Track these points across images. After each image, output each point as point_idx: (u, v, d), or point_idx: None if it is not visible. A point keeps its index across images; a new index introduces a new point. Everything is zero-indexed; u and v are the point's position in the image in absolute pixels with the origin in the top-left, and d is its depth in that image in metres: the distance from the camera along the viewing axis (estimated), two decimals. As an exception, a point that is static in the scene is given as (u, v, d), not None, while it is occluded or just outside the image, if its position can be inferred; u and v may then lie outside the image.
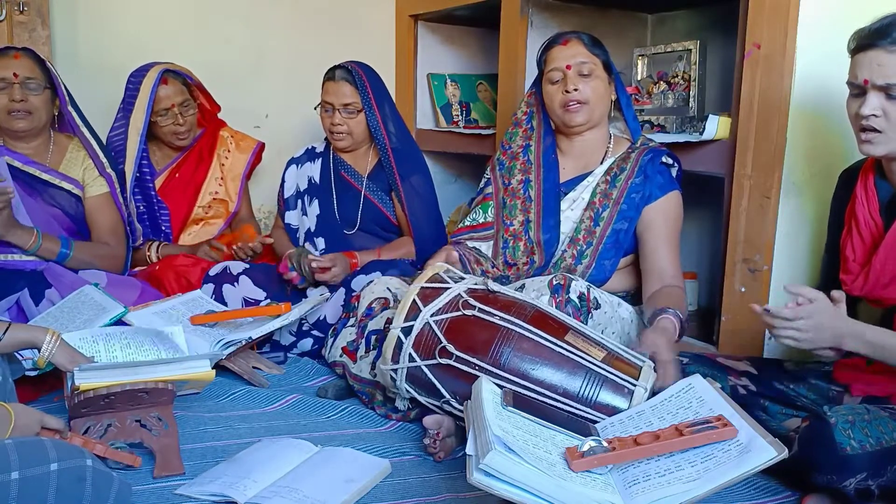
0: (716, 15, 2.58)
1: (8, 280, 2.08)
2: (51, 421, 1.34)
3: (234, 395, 1.92)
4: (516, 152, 2.09)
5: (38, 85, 2.16)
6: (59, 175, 2.24)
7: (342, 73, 2.40)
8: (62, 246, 2.15)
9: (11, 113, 2.14)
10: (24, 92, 2.14)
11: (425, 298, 1.61)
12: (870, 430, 1.29)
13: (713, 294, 2.26)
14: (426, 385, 1.60)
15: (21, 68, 2.13)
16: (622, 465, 1.22)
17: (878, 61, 1.41)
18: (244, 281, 2.32)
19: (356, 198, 2.50)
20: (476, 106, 3.24)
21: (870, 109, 1.44)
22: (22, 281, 2.08)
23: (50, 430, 1.34)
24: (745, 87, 1.92)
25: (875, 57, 1.42)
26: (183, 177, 2.64)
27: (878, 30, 1.42)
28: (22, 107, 2.13)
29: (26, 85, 2.14)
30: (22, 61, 2.14)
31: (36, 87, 2.15)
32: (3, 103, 2.13)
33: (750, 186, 1.92)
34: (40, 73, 2.17)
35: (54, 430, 1.35)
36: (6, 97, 2.13)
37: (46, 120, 2.23)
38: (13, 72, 2.12)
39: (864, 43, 1.44)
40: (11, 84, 2.12)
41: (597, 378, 1.48)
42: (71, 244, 2.18)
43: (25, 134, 2.20)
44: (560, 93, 1.94)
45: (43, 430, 1.33)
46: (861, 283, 1.55)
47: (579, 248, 1.94)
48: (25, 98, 2.14)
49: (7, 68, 2.12)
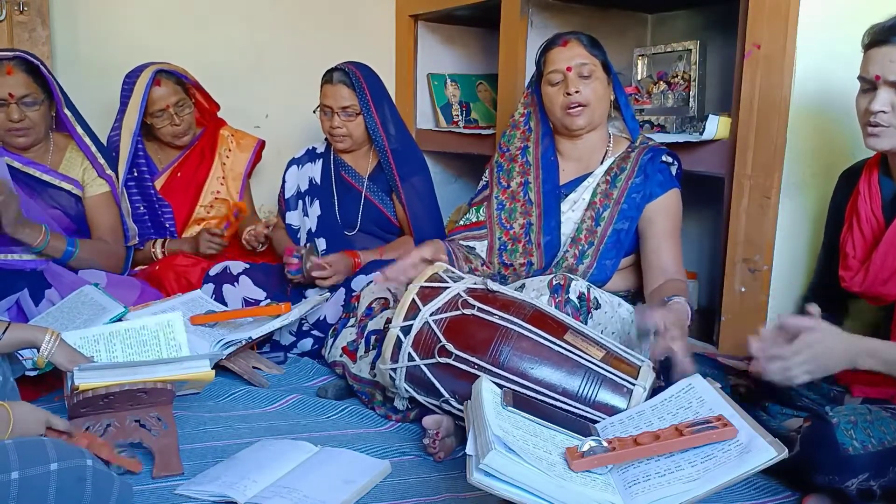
0: (716, 15, 2.58)
1: (8, 280, 2.08)
2: (57, 422, 1.33)
3: (234, 395, 1.92)
4: (514, 154, 2.08)
5: (34, 100, 2.13)
6: (59, 175, 2.24)
7: (339, 75, 2.39)
8: (68, 244, 2.15)
9: (10, 131, 2.13)
10: (22, 110, 2.11)
11: (425, 298, 1.61)
12: (872, 430, 1.29)
13: (713, 294, 2.26)
14: (425, 384, 1.60)
15: (16, 87, 2.09)
16: (622, 465, 1.22)
17: (891, 57, 1.42)
18: (244, 281, 2.32)
19: (357, 198, 2.50)
20: (476, 106, 3.24)
21: (880, 105, 1.44)
22: (22, 281, 2.08)
23: (55, 431, 1.33)
24: (745, 87, 1.91)
25: (888, 53, 1.42)
26: (185, 176, 2.64)
27: (893, 27, 1.43)
28: (21, 125, 2.12)
29: (23, 102, 2.11)
30: (16, 77, 2.09)
31: (32, 102, 2.13)
32: (0, 121, 2.11)
33: (750, 186, 1.92)
34: (35, 86, 2.13)
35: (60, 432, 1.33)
36: (4, 116, 2.11)
37: (46, 129, 2.22)
38: (8, 92, 2.08)
39: (877, 39, 1.45)
40: (8, 104, 2.10)
41: (596, 377, 1.48)
42: (76, 242, 2.18)
43: (27, 146, 2.20)
44: (561, 95, 1.93)
45: (48, 430, 1.32)
46: (860, 279, 1.55)
47: (581, 248, 1.94)
48: (23, 116, 2.11)
49: (2, 87, 2.08)
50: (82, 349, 1.69)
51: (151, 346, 1.83)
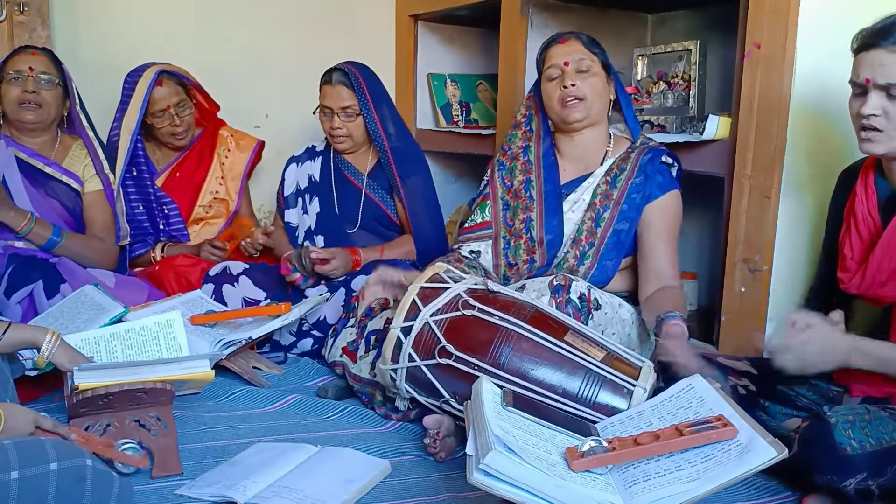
0: (716, 15, 2.58)
1: (24, 269, 2.09)
2: (44, 421, 1.33)
3: (234, 395, 1.92)
4: (516, 153, 2.08)
5: (50, 80, 2.23)
6: (61, 169, 2.28)
7: (339, 76, 2.39)
8: (53, 234, 2.18)
9: (22, 104, 2.20)
10: (37, 85, 2.20)
11: (425, 298, 1.61)
12: (870, 430, 1.29)
13: (713, 294, 2.26)
14: (426, 385, 1.60)
15: (37, 63, 2.21)
16: (622, 465, 1.22)
17: (881, 61, 1.42)
18: (244, 281, 2.32)
19: (357, 196, 2.50)
20: (476, 106, 3.24)
21: (871, 109, 1.44)
22: (36, 272, 2.09)
23: (43, 431, 1.32)
24: (745, 87, 1.91)
25: (877, 57, 1.42)
26: (183, 176, 2.64)
27: (881, 30, 1.42)
28: (33, 98, 2.20)
29: (39, 79, 2.21)
30: (39, 58, 2.23)
31: (48, 82, 2.22)
32: (15, 94, 2.19)
33: (750, 186, 1.92)
34: (55, 70, 2.25)
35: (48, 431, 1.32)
36: (19, 89, 2.19)
37: (55, 116, 2.28)
38: (29, 65, 2.20)
39: (866, 42, 1.45)
40: (26, 77, 2.19)
41: (596, 378, 1.48)
42: (63, 233, 2.21)
43: (34, 127, 2.24)
44: (558, 89, 1.93)
45: (36, 430, 1.32)
46: (858, 281, 1.55)
47: (581, 249, 1.94)
48: (37, 91, 2.20)
49: (24, 62, 2.20)
50: (83, 350, 1.69)
51: (151, 347, 1.83)
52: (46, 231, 2.17)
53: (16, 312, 2.04)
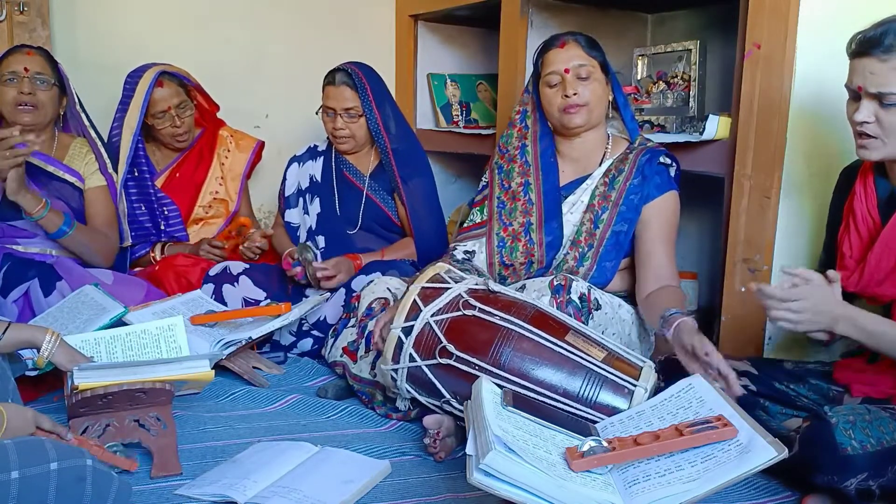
0: (716, 15, 2.58)
1: (19, 269, 2.09)
2: (44, 422, 1.33)
3: (234, 395, 1.92)
4: (513, 154, 2.07)
5: (46, 81, 2.22)
6: (63, 167, 2.28)
7: (342, 76, 2.39)
8: (64, 223, 2.17)
9: (19, 106, 2.19)
10: (33, 86, 2.19)
11: (426, 298, 1.61)
12: (871, 430, 1.29)
13: (713, 294, 2.26)
14: (426, 385, 1.60)
15: (32, 64, 2.20)
16: (622, 465, 1.22)
17: (871, 69, 1.42)
18: (244, 281, 2.32)
19: (358, 197, 2.49)
20: (476, 106, 3.24)
21: (863, 116, 1.45)
22: (32, 270, 2.09)
23: (43, 431, 1.32)
24: (745, 87, 1.91)
25: (868, 65, 1.42)
26: (183, 177, 2.64)
27: (871, 38, 1.42)
28: (29, 100, 2.19)
29: (35, 79, 2.20)
30: (34, 58, 2.21)
31: (44, 82, 2.22)
32: (11, 96, 2.18)
33: (750, 186, 1.92)
34: (51, 71, 2.24)
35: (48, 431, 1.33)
36: (15, 90, 2.18)
37: (52, 116, 2.28)
38: (24, 66, 2.18)
39: (858, 50, 1.45)
40: (21, 78, 2.18)
41: (597, 378, 1.48)
42: (73, 223, 2.20)
43: (31, 128, 2.23)
44: (559, 97, 1.92)
45: (37, 430, 1.32)
46: (856, 279, 1.55)
47: (581, 251, 1.93)
48: (34, 92, 2.19)
49: (19, 63, 2.19)
50: (83, 351, 1.69)
51: (152, 349, 1.83)
52: (59, 218, 2.16)
53: (12, 311, 2.04)
